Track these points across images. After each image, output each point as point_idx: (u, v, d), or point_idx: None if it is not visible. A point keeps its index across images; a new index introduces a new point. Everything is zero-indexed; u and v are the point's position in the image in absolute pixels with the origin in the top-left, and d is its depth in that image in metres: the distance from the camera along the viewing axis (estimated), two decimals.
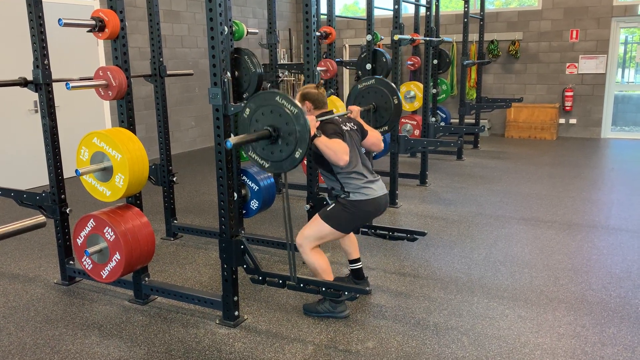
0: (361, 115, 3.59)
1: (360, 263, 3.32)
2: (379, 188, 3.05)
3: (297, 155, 2.54)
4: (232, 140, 2.43)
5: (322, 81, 3.20)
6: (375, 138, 3.25)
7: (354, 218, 2.99)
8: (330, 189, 3.09)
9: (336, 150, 2.74)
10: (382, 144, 3.32)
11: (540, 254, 3.98)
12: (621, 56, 9.35)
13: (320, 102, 3.08)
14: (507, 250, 4.07)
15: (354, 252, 3.30)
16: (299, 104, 2.53)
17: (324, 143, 2.75)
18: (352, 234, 3.30)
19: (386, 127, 4.00)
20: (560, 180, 6.27)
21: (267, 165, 2.67)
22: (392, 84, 4.01)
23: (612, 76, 9.07)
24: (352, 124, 3.15)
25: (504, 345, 2.74)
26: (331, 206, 3.01)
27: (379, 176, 3.15)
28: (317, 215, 3.04)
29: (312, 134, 2.65)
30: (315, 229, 2.99)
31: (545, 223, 4.69)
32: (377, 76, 4.23)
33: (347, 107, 3.75)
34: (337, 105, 4.68)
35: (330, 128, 2.91)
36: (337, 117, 3.09)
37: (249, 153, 2.70)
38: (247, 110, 2.66)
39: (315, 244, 2.99)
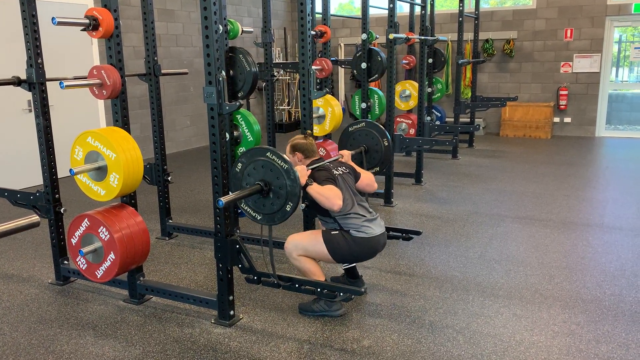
0: (353, 157, 3.68)
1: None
2: (378, 226, 3.06)
3: (288, 208, 2.69)
4: (224, 199, 2.56)
5: (309, 132, 3.34)
6: (368, 179, 3.34)
7: (351, 253, 2.99)
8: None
9: (329, 196, 2.81)
10: (376, 185, 3.41)
11: (535, 252, 3.99)
12: (615, 55, 9.39)
13: (310, 152, 3.16)
14: (502, 248, 4.08)
15: None
16: (288, 159, 2.67)
17: (316, 191, 2.83)
18: None
19: (377, 168, 4.13)
20: (554, 178, 6.29)
21: (259, 218, 2.82)
22: (382, 127, 4.14)
23: (607, 75, 9.11)
24: (344, 167, 3.22)
25: (499, 344, 2.75)
26: (336, 232, 3.01)
27: (378, 214, 3.18)
28: (318, 232, 3.05)
29: (304, 183, 2.77)
30: (311, 243, 2.99)
31: (540, 221, 4.70)
32: (367, 119, 4.38)
33: (339, 150, 3.86)
34: (332, 105, 4.68)
35: (322, 175, 2.96)
36: (328, 163, 3.16)
37: (242, 205, 2.83)
38: (239, 165, 2.79)
39: (304, 255, 3.00)
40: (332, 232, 3.00)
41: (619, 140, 8.99)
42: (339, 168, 3.18)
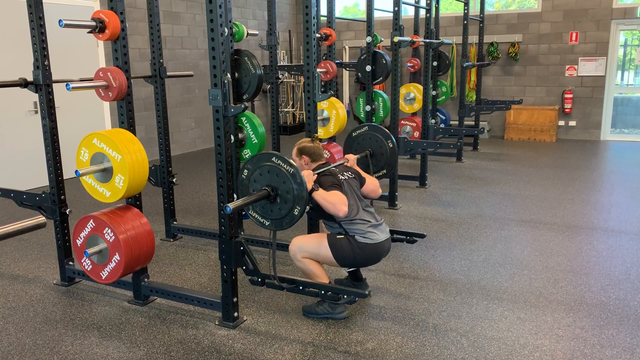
0: (358, 161, 3.67)
1: None
2: (383, 232, 3.06)
3: (295, 212, 2.67)
4: (232, 205, 2.54)
5: (316, 135, 3.33)
6: (373, 185, 3.33)
7: (355, 258, 2.99)
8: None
9: (334, 202, 2.81)
10: (380, 190, 3.40)
11: (539, 256, 3.98)
12: (621, 58, 9.36)
13: (317, 155, 3.17)
14: (506, 252, 4.07)
15: None
16: (294, 163, 2.66)
17: (322, 196, 2.83)
18: None
19: (384, 171, 4.10)
20: (559, 182, 6.28)
21: (267, 224, 2.80)
22: (386, 129, 4.11)
23: (612, 78, 9.08)
24: (349, 172, 3.21)
25: (503, 347, 2.74)
26: (341, 236, 3.01)
27: (383, 219, 3.17)
28: (323, 235, 3.04)
29: (310, 188, 2.75)
30: (315, 247, 2.99)
31: (545, 225, 4.69)
32: (370, 123, 4.33)
33: (344, 154, 3.84)
34: (336, 107, 4.69)
35: (327, 180, 2.96)
36: (334, 168, 3.16)
37: (250, 212, 2.82)
38: (245, 171, 2.78)
39: (308, 257, 3.00)
40: (337, 237, 3.00)
41: (624, 144, 8.96)
42: (345, 173, 3.18)
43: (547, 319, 3.03)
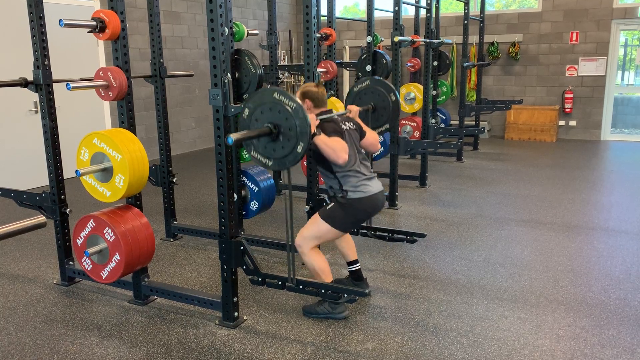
0: (360, 115, 3.61)
1: (358, 264, 3.32)
2: (376, 185, 3.06)
3: (299, 149, 2.54)
4: (234, 136, 2.45)
5: (322, 80, 3.22)
6: (373, 139, 3.28)
7: (351, 216, 3.00)
8: (329, 187, 3.10)
9: (336, 148, 2.76)
10: (379, 145, 3.35)
11: (539, 255, 3.98)
12: (621, 58, 9.36)
13: (320, 101, 3.09)
14: (506, 252, 4.07)
15: (352, 254, 3.30)
16: (296, 99, 2.54)
17: (323, 141, 2.77)
18: (348, 235, 3.31)
19: (387, 126, 4.01)
20: (559, 182, 6.28)
21: (270, 164, 2.67)
22: (388, 83, 4.03)
23: (612, 78, 9.08)
24: (351, 123, 3.17)
25: (503, 347, 2.74)
26: (330, 205, 3.02)
27: (376, 174, 3.17)
28: (315, 215, 3.05)
29: (312, 132, 2.65)
30: (314, 228, 3.00)
31: (545, 225, 4.69)
32: (373, 76, 4.24)
33: (345, 107, 3.77)
34: (336, 107, 4.69)
35: (330, 127, 2.93)
36: (336, 116, 3.11)
37: (252, 153, 2.71)
38: (246, 110, 2.66)
39: (314, 243, 3.00)
40: (327, 208, 3.00)
41: (624, 144, 8.96)
42: (347, 123, 3.13)
43: (548, 318, 3.03)
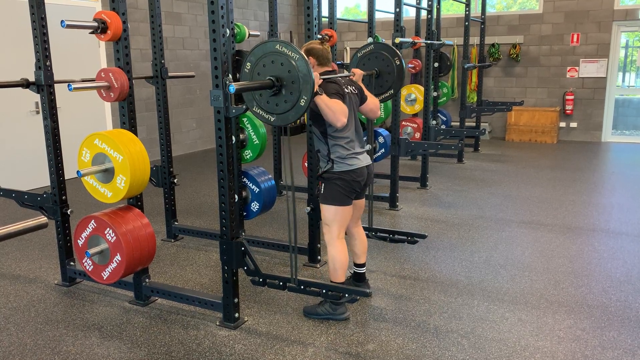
0: (364, 81, 3.54)
1: (364, 268, 3.33)
2: (364, 159, 3.04)
3: (302, 103, 2.50)
4: (236, 85, 2.41)
5: (326, 36, 3.12)
6: (373, 104, 3.22)
7: (345, 187, 2.97)
8: (317, 151, 3.08)
9: (336, 110, 2.73)
10: (379, 112, 3.30)
11: (540, 257, 3.98)
12: (622, 60, 9.36)
13: (325, 59, 3.04)
14: (507, 253, 4.07)
15: (362, 256, 3.30)
16: (299, 50, 2.50)
17: (324, 102, 2.74)
18: (364, 237, 3.32)
19: (391, 91, 3.96)
20: (560, 183, 6.27)
21: (272, 119, 2.64)
22: (392, 46, 3.97)
23: (613, 80, 9.08)
24: (353, 87, 3.11)
25: (504, 348, 2.74)
26: (322, 188, 3.02)
27: (369, 147, 3.14)
28: (320, 205, 3.07)
29: (315, 90, 2.60)
30: (325, 216, 3.03)
31: (546, 226, 4.69)
32: (376, 41, 4.17)
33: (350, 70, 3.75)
34: None
35: (332, 88, 2.88)
36: (339, 78, 3.05)
37: (254, 109, 2.66)
38: (248, 64, 2.61)
39: (337, 231, 2.99)
40: (322, 192, 3.01)
41: (625, 146, 8.96)
42: (349, 86, 3.08)
43: (548, 320, 3.03)
